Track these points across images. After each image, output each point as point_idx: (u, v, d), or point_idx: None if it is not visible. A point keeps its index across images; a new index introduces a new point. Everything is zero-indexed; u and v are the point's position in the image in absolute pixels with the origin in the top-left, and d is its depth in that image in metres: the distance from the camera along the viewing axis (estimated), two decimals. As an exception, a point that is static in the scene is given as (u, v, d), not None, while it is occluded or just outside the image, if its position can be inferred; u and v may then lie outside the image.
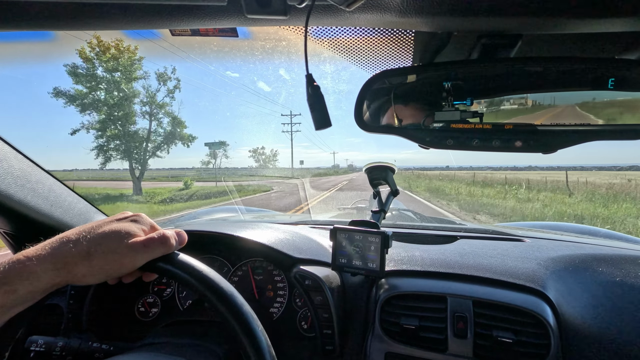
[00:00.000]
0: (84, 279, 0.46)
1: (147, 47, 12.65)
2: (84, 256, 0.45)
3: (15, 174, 0.82)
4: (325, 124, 0.59)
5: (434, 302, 0.81)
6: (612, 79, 0.53)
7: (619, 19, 0.50)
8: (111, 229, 0.49)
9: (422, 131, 0.64)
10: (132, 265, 0.48)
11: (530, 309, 0.75)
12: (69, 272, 0.44)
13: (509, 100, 0.59)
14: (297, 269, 0.88)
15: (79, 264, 0.45)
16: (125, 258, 0.47)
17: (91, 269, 0.45)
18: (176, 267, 0.50)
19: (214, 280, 0.49)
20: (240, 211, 1.89)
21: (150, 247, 0.49)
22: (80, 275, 0.45)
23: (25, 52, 0.81)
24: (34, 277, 0.42)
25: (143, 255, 0.48)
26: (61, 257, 0.44)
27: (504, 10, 0.50)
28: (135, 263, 0.48)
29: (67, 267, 0.44)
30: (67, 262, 0.44)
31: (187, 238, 0.55)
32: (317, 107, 0.58)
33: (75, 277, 0.45)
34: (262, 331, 0.49)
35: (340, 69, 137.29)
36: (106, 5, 0.53)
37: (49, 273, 0.43)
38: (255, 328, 0.48)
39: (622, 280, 0.81)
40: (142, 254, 0.48)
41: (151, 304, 1.04)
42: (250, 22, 0.57)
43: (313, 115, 0.59)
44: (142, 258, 0.49)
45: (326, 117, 0.59)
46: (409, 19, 0.54)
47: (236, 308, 0.48)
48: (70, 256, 0.45)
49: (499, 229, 1.31)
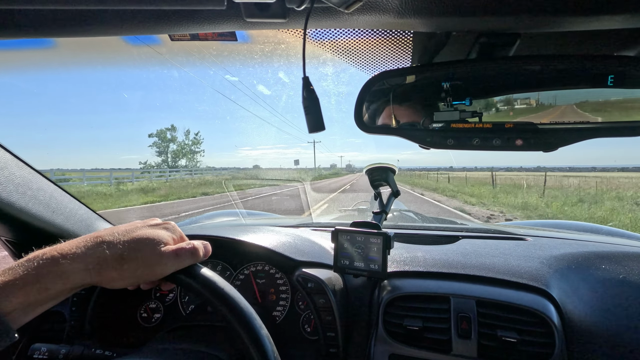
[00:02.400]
0: (113, 283, 0.46)
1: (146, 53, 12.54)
2: (117, 260, 0.45)
3: (17, 181, 0.82)
4: (319, 128, 0.59)
5: (437, 303, 0.81)
6: (611, 75, 0.53)
7: (617, 15, 0.50)
8: (145, 235, 0.49)
9: (422, 131, 0.64)
10: (161, 273, 0.48)
11: (534, 308, 0.75)
12: (99, 274, 0.44)
13: (508, 100, 0.59)
14: (299, 271, 0.88)
15: (110, 268, 0.45)
16: (157, 266, 0.48)
17: (122, 274, 0.46)
18: (197, 281, 0.50)
19: (234, 299, 0.50)
20: (241, 215, 1.89)
21: (181, 257, 0.50)
22: (109, 279, 0.45)
23: (25, 59, 0.81)
24: (66, 276, 0.42)
25: (173, 264, 0.49)
26: (95, 258, 0.44)
27: (502, 9, 0.50)
28: (165, 271, 0.49)
29: (99, 269, 0.44)
30: (100, 264, 0.44)
31: (210, 250, 0.56)
32: (311, 110, 0.58)
33: (104, 280, 0.45)
34: (265, 332, 0.49)
35: (340, 70, 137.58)
36: (105, 11, 0.53)
37: (81, 273, 0.43)
38: (266, 343, 0.48)
39: (626, 277, 0.80)
40: (173, 262, 0.49)
41: (154, 309, 1.03)
42: (250, 25, 0.57)
43: (307, 118, 0.59)
44: (172, 266, 0.49)
45: (320, 121, 0.59)
46: (407, 20, 0.54)
47: (250, 324, 0.49)
48: (103, 259, 0.45)
49: (501, 228, 1.31)
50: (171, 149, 52.95)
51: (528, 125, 0.58)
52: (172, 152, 53.14)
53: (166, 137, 52.86)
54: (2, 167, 0.80)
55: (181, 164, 52.81)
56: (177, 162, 52.81)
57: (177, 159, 53.08)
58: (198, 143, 54.93)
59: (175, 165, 51.81)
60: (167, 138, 52.93)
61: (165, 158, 52.63)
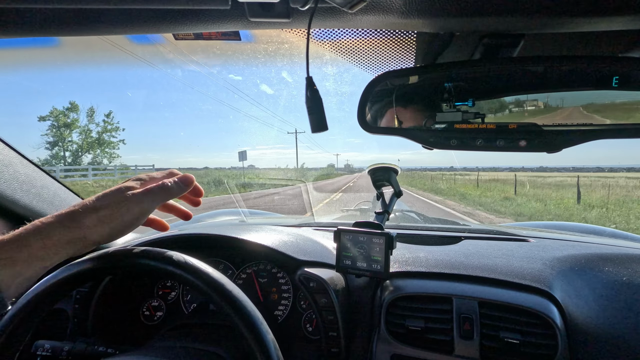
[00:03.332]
0: (96, 230, 0.47)
1: (150, 52, 12.70)
2: (90, 209, 0.48)
3: (21, 179, 0.83)
4: (322, 128, 0.59)
5: (439, 303, 0.81)
6: (616, 77, 0.53)
7: (622, 17, 0.50)
8: (114, 187, 0.52)
9: (425, 132, 0.64)
10: (139, 211, 0.50)
11: (537, 310, 0.74)
12: (78, 227, 0.46)
13: (512, 101, 0.59)
14: (302, 271, 0.88)
15: (86, 216, 0.47)
16: (131, 203, 0.50)
17: (99, 219, 0.48)
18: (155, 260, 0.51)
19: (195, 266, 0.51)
20: (244, 214, 1.90)
21: (152, 192, 0.52)
22: (91, 226, 0.47)
23: (30, 58, 0.81)
24: (45, 233, 0.45)
25: (147, 202, 0.51)
26: (68, 214, 0.47)
27: (506, 10, 0.50)
28: (143, 208, 0.51)
29: (75, 221, 0.46)
30: (74, 216, 0.47)
31: (193, 179, 0.57)
32: (315, 110, 0.58)
33: (86, 231, 0.47)
34: (267, 329, 0.49)
35: (343, 70, 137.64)
36: (110, 10, 0.54)
37: (58, 229, 0.45)
38: (261, 328, 0.48)
39: (629, 279, 0.80)
40: (146, 200, 0.51)
41: (156, 307, 1.04)
42: (253, 25, 0.57)
43: (311, 118, 0.59)
44: (147, 203, 0.51)
45: (323, 121, 0.59)
46: (411, 20, 0.54)
47: (230, 298, 0.49)
48: (76, 212, 0.47)
49: (504, 229, 1.30)
50: (70, 138, 34.32)
51: (532, 127, 0.58)
52: (71, 142, 34.43)
53: (63, 121, 33.93)
54: (6, 164, 0.80)
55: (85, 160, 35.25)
56: (80, 158, 34.86)
57: (79, 153, 34.87)
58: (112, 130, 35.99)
59: (76, 161, 34.28)
60: (65, 122, 33.79)
61: (60, 150, 34.18)
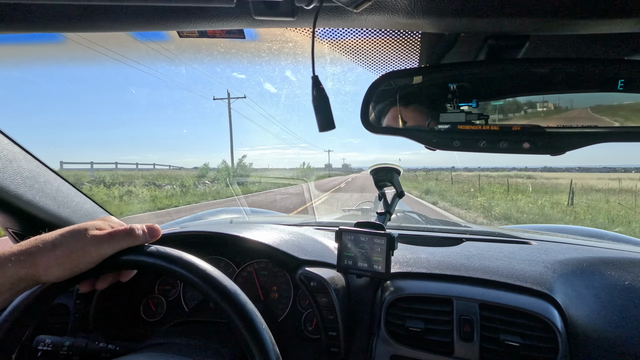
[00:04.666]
0: (50, 271, 0.46)
1: (155, 49, 12.68)
2: (49, 247, 0.46)
3: (25, 174, 0.83)
4: (329, 126, 0.59)
5: (440, 305, 0.81)
6: (621, 80, 0.52)
7: (628, 19, 0.49)
8: (79, 225, 0.49)
9: (428, 132, 0.64)
10: (97, 255, 0.48)
11: (538, 312, 0.74)
12: (33, 264, 0.45)
13: (516, 102, 0.59)
14: (302, 270, 0.88)
15: (43, 255, 0.45)
16: (90, 246, 0.47)
17: (56, 259, 0.46)
18: (144, 255, 0.50)
19: (192, 262, 0.50)
20: (245, 212, 1.90)
21: (115, 237, 0.49)
22: (45, 266, 0.45)
23: (35, 53, 0.82)
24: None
25: (108, 246, 0.49)
26: (25, 249, 0.45)
27: (511, 11, 0.50)
28: (101, 252, 0.48)
29: (31, 258, 0.45)
30: (31, 253, 0.45)
31: (160, 233, 0.55)
32: (321, 109, 0.58)
33: (40, 269, 0.45)
34: (266, 328, 0.49)
35: (347, 70, 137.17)
36: (115, 7, 0.54)
37: (13, 266, 0.44)
38: (257, 323, 0.48)
39: (631, 284, 0.80)
40: (108, 244, 0.49)
41: (157, 304, 1.04)
42: (258, 23, 0.57)
43: (317, 117, 0.58)
44: (108, 248, 0.49)
45: (330, 120, 0.59)
46: (416, 20, 0.54)
47: (223, 290, 0.49)
48: (34, 248, 0.45)
49: (505, 232, 1.30)
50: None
51: (535, 129, 0.58)
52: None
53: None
54: (10, 159, 0.81)
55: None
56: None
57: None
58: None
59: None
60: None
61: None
